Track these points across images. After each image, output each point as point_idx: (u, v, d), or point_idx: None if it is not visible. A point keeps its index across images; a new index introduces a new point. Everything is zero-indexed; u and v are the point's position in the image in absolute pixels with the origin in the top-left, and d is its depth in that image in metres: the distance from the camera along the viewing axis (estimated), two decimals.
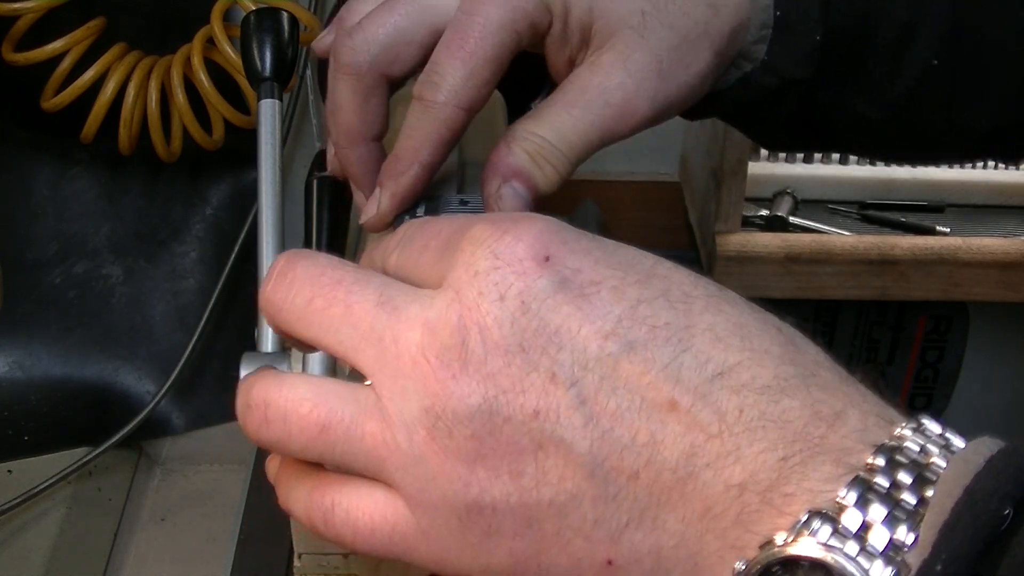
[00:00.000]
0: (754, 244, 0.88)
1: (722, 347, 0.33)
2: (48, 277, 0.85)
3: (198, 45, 0.76)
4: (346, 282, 0.35)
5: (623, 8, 0.48)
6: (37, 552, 0.76)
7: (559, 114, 0.47)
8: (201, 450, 0.89)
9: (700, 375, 0.32)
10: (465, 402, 0.32)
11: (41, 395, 0.84)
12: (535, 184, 0.45)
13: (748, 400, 0.32)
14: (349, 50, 0.47)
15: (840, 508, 0.30)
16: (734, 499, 0.31)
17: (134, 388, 0.86)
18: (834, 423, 0.32)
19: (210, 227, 0.90)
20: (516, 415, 0.32)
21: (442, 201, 0.46)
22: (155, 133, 0.78)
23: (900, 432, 0.32)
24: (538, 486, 0.32)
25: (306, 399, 0.35)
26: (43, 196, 0.86)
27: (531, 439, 0.32)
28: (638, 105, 0.47)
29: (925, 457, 0.31)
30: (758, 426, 0.31)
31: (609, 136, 0.47)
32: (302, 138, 0.94)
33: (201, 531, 0.83)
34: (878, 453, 0.31)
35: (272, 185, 0.52)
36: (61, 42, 0.75)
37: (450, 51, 0.45)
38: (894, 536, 0.30)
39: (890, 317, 1.05)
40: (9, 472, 0.80)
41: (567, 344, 0.32)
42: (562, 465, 0.32)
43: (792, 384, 0.32)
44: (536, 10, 0.47)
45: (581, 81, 0.47)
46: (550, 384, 0.32)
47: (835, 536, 0.30)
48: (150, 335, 0.87)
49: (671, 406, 0.32)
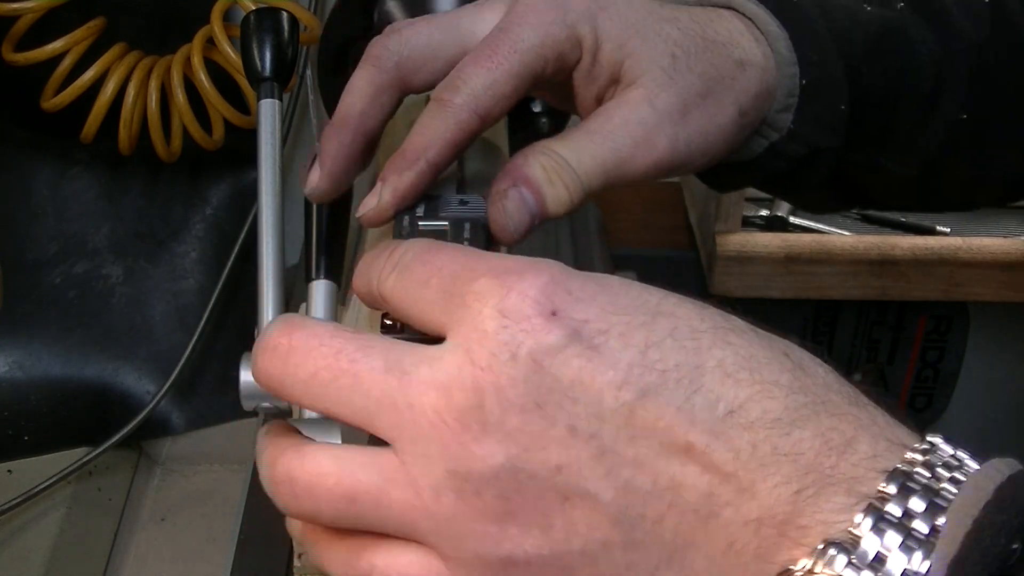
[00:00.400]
0: (754, 244, 0.88)
1: (732, 383, 0.33)
2: (48, 277, 0.85)
3: (198, 45, 0.76)
4: (348, 351, 0.35)
5: (654, 49, 0.49)
6: (37, 552, 0.76)
7: (580, 138, 0.47)
8: (201, 450, 0.89)
9: (712, 415, 0.33)
10: (489, 463, 0.33)
11: (41, 395, 0.84)
12: (543, 197, 0.45)
13: (760, 436, 0.32)
14: (382, 46, 0.48)
15: (855, 538, 0.31)
16: (753, 534, 0.32)
17: (134, 388, 0.86)
18: (844, 451, 0.32)
19: (210, 227, 0.90)
20: (540, 471, 0.33)
21: (442, 201, 0.46)
22: (155, 133, 0.78)
23: (911, 456, 0.32)
24: (568, 537, 0.33)
25: (330, 473, 0.35)
26: (43, 196, 0.86)
27: (557, 493, 0.33)
28: (657, 141, 0.48)
29: (937, 482, 0.32)
30: (771, 461, 0.32)
31: (623, 168, 0.47)
32: (302, 138, 0.94)
33: (201, 531, 0.83)
34: (890, 480, 0.32)
35: (272, 185, 0.52)
36: (61, 42, 0.75)
37: (477, 60, 0.46)
38: (908, 566, 0.30)
39: (890, 317, 1.05)
40: (9, 472, 0.80)
41: (582, 398, 0.33)
42: (589, 515, 0.33)
43: (802, 415, 0.33)
44: (568, 41, 0.48)
45: (607, 112, 0.48)
46: (570, 438, 0.33)
47: (850, 566, 0.30)
48: (150, 335, 0.87)
49: (687, 448, 0.32)
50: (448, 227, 0.43)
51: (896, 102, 0.59)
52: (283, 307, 0.49)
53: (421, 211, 0.45)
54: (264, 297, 0.49)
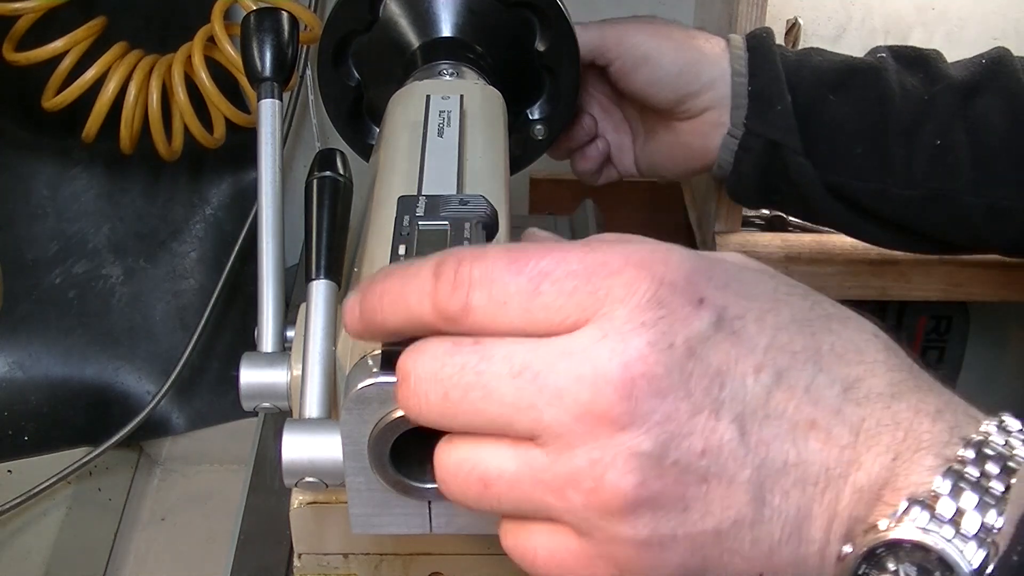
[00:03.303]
0: (754, 244, 0.87)
1: (843, 363, 0.36)
2: (48, 277, 0.85)
3: (199, 44, 0.76)
4: (470, 365, 0.35)
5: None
6: (37, 552, 0.76)
7: None
8: (201, 450, 0.89)
9: (832, 393, 0.35)
10: (636, 451, 0.33)
11: (41, 395, 0.84)
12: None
13: (868, 410, 0.35)
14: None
15: (935, 496, 0.34)
16: (858, 500, 0.35)
17: (134, 388, 0.86)
18: (936, 420, 0.35)
19: (210, 227, 0.90)
20: (683, 457, 0.34)
21: (442, 200, 0.45)
22: (156, 132, 0.78)
23: (986, 428, 0.36)
24: (703, 517, 0.34)
25: (491, 469, 0.36)
26: (43, 196, 0.86)
27: (696, 476, 0.34)
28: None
29: (1009, 449, 0.35)
30: (875, 432, 0.35)
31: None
32: (302, 138, 0.94)
33: (201, 531, 0.83)
34: (968, 446, 0.35)
35: (272, 185, 0.52)
36: (61, 42, 0.75)
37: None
38: (984, 520, 0.33)
39: (890, 317, 1.05)
40: (9, 472, 0.80)
41: (728, 382, 0.34)
42: (724, 496, 0.34)
43: (900, 389, 0.36)
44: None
45: None
46: (714, 422, 0.34)
47: (932, 521, 0.33)
48: (150, 335, 0.87)
49: (811, 425, 0.35)
50: (448, 227, 0.43)
51: (875, 129, 0.68)
52: (283, 307, 0.49)
53: (421, 211, 0.45)
54: (264, 297, 0.49)
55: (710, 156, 0.74)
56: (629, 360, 0.33)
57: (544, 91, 0.73)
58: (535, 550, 0.36)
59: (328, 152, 0.51)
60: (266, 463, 0.73)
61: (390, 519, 0.41)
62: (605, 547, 0.35)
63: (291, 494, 0.50)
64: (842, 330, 0.37)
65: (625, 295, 0.34)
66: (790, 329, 0.35)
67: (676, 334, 0.34)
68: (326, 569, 0.52)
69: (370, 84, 0.71)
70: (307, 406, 0.43)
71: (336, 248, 0.48)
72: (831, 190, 0.72)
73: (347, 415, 0.38)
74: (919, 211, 0.71)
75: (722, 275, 0.36)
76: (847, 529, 0.35)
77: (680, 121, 0.74)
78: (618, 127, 0.79)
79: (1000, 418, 0.36)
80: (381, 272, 0.37)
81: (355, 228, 0.54)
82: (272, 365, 0.47)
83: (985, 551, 0.33)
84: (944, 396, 0.37)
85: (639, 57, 0.71)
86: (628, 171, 0.81)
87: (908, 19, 0.90)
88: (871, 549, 0.34)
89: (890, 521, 0.34)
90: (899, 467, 0.35)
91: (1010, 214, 0.70)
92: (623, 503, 0.34)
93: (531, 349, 0.34)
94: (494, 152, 0.55)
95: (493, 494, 0.36)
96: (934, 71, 0.71)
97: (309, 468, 0.40)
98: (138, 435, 0.84)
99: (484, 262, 0.35)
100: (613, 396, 0.33)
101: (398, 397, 0.36)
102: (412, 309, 0.36)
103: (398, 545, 0.52)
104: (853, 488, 0.35)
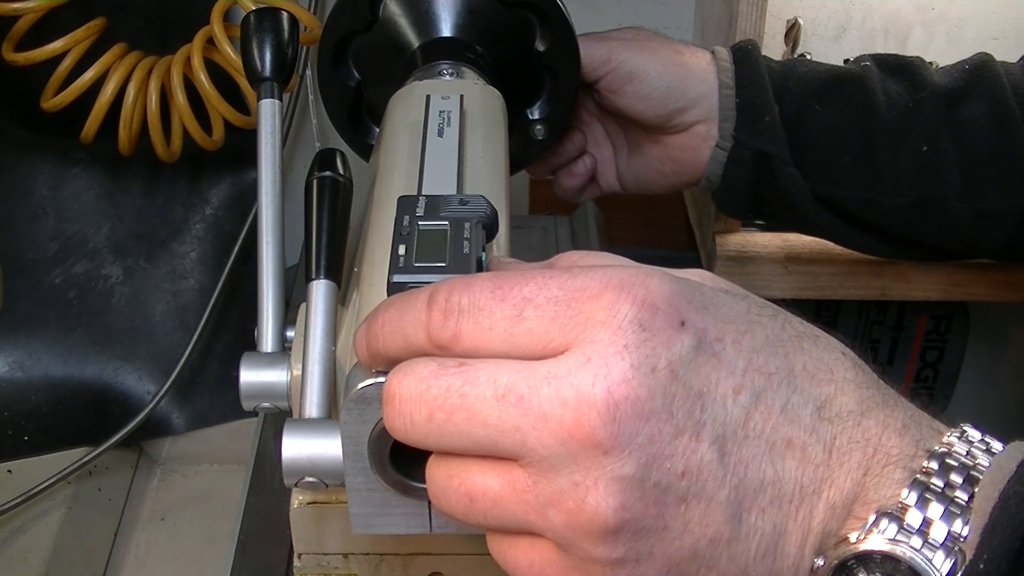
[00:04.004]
0: (754, 244, 0.88)
1: (815, 383, 0.36)
2: (48, 277, 0.85)
3: (198, 45, 0.76)
4: (455, 387, 0.35)
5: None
6: (37, 552, 0.76)
7: None
8: (201, 450, 0.89)
9: (807, 412, 0.36)
10: (618, 474, 0.34)
11: (41, 395, 0.84)
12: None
13: (839, 428, 0.36)
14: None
15: (904, 507, 0.35)
16: (831, 516, 0.35)
17: (134, 388, 0.86)
18: (903, 434, 0.36)
19: (210, 227, 0.90)
20: (664, 479, 0.34)
21: (442, 200, 0.45)
22: (155, 133, 0.78)
23: (948, 439, 0.37)
24: (681, 536, 0.35)
25: (476, 483, 0.36)
26: (43, 196, 0.86)
27: (676, 496, 0.34)
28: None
29: (971, 459, 0.36)
30: (847, 449, 0.36)
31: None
32: (302, 138, 0.94)
33: (201, 531, 0.84)
34: (932, 458, 0.36)
35: (272, 185, 0.52)
36: (61, 42, 0.75)
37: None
38: (951, 529, 0.34)
39: (890, 317, 1.05)
40: (9, 472, 0.80)
41: (708, 404, 0.35)
42: (703, 515, 0.35)
43: (868, 405, 0.37)
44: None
45: None
46: (695, 443, 0.34)
47: (901, 532, 0.35)
48: (150, 335, 0.87)
49: (788, 444, 0.35)
50: (448, 227, 0.43)
51: (862, 138, 0.69)
52: (283, 307, 0.49)
53: (421, 211, 0.45)
54: (264, 297, 0.49)
55: (699, 170, 0.74)
56: (612, 384, 0.33)
57: (544, 91, 0.73)
58: (517, 560, 0.37)
59: (328, 152, 0.51)
60: (266, 463, 0.73)
61: (390, 519, 0.41)
62: (583, 564, 0.35)
63: (291, 494, 0.50)
64: (813, 349, 0.37)
65: (606, 318, 0.34)
66: (765, 351, 0.36)
67: (659, 357, 0.34)
68: (326, 569, 0.52)
69: (370, 84, 0.71)
70: (307, 406, 0.43)
71: (336, 248, 0.48)
72: (821, 200, 0.72)
73: (347, 415, 0.38)
74: (908, 218, 0.72)
75: (700, 297, 0.36)
76: (820, 543, 0.36)
77: (668, 135, 0.74)
78: (599, 143, 0.79)
79: (962, 429, 0.37)
80: (384, 303, 0.38)
81: (355, 228, 0.54)
82: (272, 365, 0.47)
83: (953, 559, 0.34)
84: (909, 410, 0.37)
85: (626, 74, 0.71)
86: (611, 187, 0.81)
87: (908, 19, 0.90)
88: (842, 561, 0.35)
89: (860, 533, 0.35)
90: (869, 482, 0.35)
91: (998, 219, 0.70)
92: (603, 525, 0.34)
93: (516, 371, 0.35)
94: (494, 152, 0.55)
95: (479, 509, 0.36)
96: (918, 78, 0.72)
97: (309, 468, 0.40)
98: (138, 435, 0.84)
99: (471, 291, 0.36)
100: (596, 420, 0.33)
101: (384, 417, 0.37)
102: (409, 338, 0.37)
103: (398, 545, 0.52)
104: (827, 504, 0.35)
